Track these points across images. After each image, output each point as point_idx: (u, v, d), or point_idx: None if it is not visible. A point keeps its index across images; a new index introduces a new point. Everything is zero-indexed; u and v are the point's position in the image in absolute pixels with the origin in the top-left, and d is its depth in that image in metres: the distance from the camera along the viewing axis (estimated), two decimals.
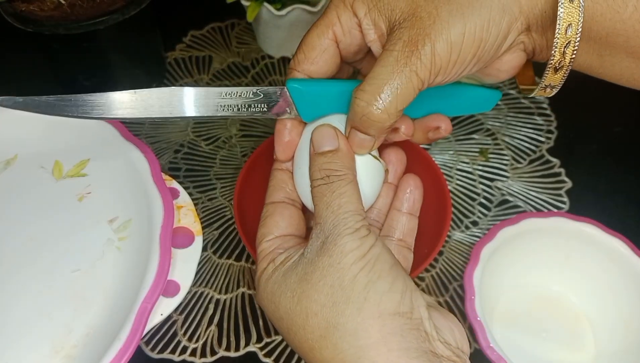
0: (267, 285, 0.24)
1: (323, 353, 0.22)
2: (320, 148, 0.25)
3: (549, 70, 0.24)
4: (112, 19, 0.38)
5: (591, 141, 0.46)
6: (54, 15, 0.39)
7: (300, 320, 0.22)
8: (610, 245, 0.34)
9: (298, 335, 0.23)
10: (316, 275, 0.22)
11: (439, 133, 0.28)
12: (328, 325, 0.22)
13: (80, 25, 0.38)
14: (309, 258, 0.23)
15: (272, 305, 0.24)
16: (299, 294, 0.23)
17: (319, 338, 0.22)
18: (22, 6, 0.39)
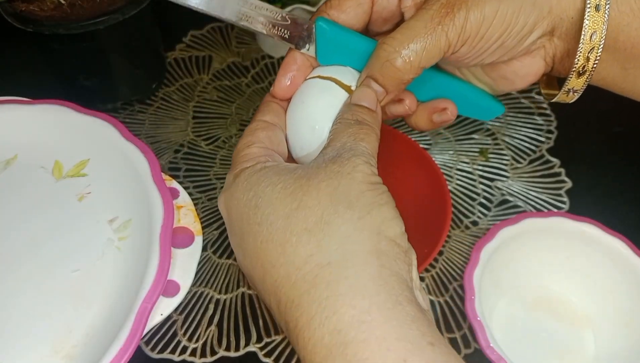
0: (250, 177, 0.22)
1: (298, 249, 0.20)
2: (359, 101, 0.24)
3: (573, 74, 0.24)
4: (112, 18, 0.38)
5: (591, 141, 0.46)
6: (54, 15, 0.39)
7: (286, 209, 0.20)
8: (611, 245, 0.34)
9: (273, 225, 0.20)
10: (320, 176, 0.21)
11: (445, 115, 0.27)
12: (319, 220, 0.20)
13: (80, 25, 0.38)
14: (313, 165, 0.22)
15: (249, 193, 0.21)
16: (294, 188, 0.21)
17: (301, 231, 0.20)
18: (22, 6, 0.39)
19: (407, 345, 0.18)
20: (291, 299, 0.19)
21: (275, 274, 0.20)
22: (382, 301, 0.18)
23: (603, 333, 0.34)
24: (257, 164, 0.23)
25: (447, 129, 0.45)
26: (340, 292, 0.19)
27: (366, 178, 0.21)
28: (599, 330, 0.34)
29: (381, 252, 0.19)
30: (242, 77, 0.48)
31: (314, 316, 0.19)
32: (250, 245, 0.21)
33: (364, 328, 0.18)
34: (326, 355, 0.18)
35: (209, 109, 0.46)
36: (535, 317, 0.35)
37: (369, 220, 0.20)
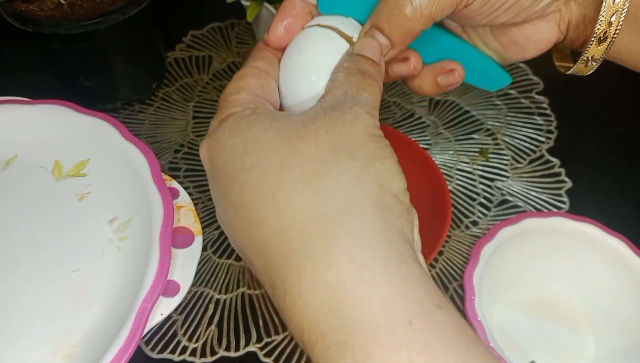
0: (238, 121, 0.20)
1: (292, 198, 0.17)
2: (362, 51, 0.22)
3: (593, 41, 0.23)
4: (112, 18, 0.38)
5: (591, 140, 0.46)
6: (54, 15, 0.39)
7: (279, 155, 0.18)
8: (610, 245, 0.34)
9: (264, 172, 0.18)
10: (319, 123, 0.19)
11: (452, 77, 0.25)
12: (317, 168, 0.18)
13: (80, 25, 0.38)
14: (311, 112, 0.20)
15: (237, 138, 0.19)
16: (289, 134, 0.19)
17: (296, 179, 0.18)
18: (22, 6, 0.39)
19: (413, 306, 0.16)
20: (281, 254, 0.17)
21: (263, 226, 0.18)
22: (385, 257, 0.16)
23: (603, 333, 0.34)
24: (246, 110, 0.20)
25: (447, 129, 0.45)
26: (338, 245, 0.17)
27: (369, 129, 0.19)
28: (599, 330, 0.34)
29: (384, 206, 0.18)
30: None
31: (306, 272, 0.16)
32: (235, 194, 0.18)
33: (364, 285, 0.16)
34: (318, 315, 0.16)
35: (209, 109, 0.46)
36: (535, 317, 0.35)
37: (371, 171, 0.18)
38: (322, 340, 0.16)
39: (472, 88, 0.48)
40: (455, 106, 0.47)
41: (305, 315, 0.16)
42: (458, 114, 0.46)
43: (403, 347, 0.15)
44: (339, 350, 0.16)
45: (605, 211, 0.39)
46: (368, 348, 0.15)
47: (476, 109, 0.47)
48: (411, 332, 0.15)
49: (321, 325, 0.16)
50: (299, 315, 0.17)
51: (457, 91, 0.48)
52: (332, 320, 0.16)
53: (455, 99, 0.47)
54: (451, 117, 0.46)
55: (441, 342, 0.15)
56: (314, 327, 0.16)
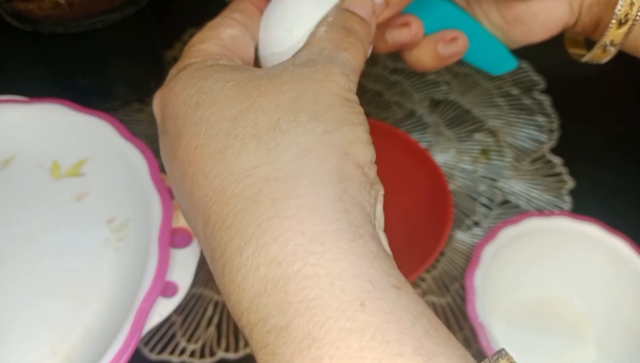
0: (197, 71, 0.18)
1: (241, 158, 0.15)
2: (352, 7, 0.20)
3: (613, 24, 0.21)
4: (111, 17, 0.38)
5: (594, 140, 0.45)
6: (53, 14, 0.38)
7: (233, 109, 0.16)
8: (613, 246, 0.34)
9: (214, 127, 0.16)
10: (284, 78, 0.17)
11: (454, 46, 0.22)
12: (273, 126, 0.16)
13: (79, 24, 0.38)
14: (278, 66, 0.18)
15: (192, 88, 0.17)
16: (249, 88, 0.17)
17: (249, 137, 0.16)
18: (20, 5, 0.39)
19: (366, 285, 0.14)
20: (222, 219, 0.15)
21: (206, 186, 0.16)
22: (340, 229, 0.14)
23: (605, 335, 0.34)
24: (208, 60, 0.19)
25: (448, 128, 0.45)
26: (287, 213, 0.14)
27: (340, 91, 0.17)
28: (600, 332, 0.34)
29: (345, 175, 0.16)
30: None
31: (248, 241, 0.14)
32: (182, 150, 0.17)
33: (313, 260, 0.14)
34: (259, 292, 0.14)
35: None
36: (536, 318, 0.35)
37: (337, 136, 0.16)
38: (262, 323, 0.14)
39: (473, 87, 0.48)
40: (456, 106, 0.47)
41: (245, 292, 0.14)
42: (459, 114, 0.46)
43: (354, 332, 0.13)
44: (280, 335, 0.13)
45: (608, 211, 0.39)
46: (314, 332, 0.13)
47: (477, 108, 0.47)
48: (364, 314, 0.13)
49: (262, 304, 0.14)
50: (237, 292, 0.14)
51: (458, 90, 0.48)
52: (274, 300, 0.14)
53: (457, 99, 0.47)
54: (452, 117, 0.46)
55: (397, 326, 0.13)
56: (254, 307, 0.14)
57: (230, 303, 0.15)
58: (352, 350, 0.13)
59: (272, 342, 0.14)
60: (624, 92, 0.48)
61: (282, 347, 0.13)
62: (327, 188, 0.15)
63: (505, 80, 0.48)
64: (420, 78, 0.49)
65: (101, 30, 0.39)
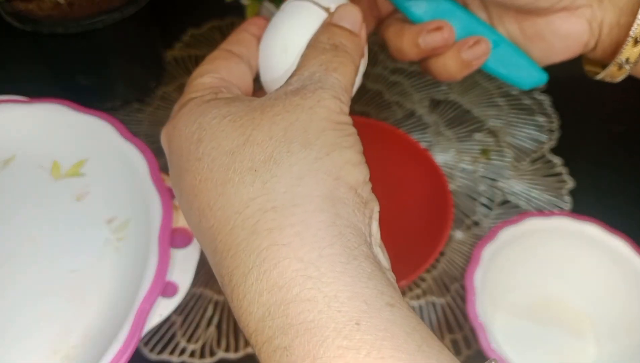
0: (197, 107, 0.19)
1: (240, 190, 0.16)
2: (340, 21, 0.21)
3: (629, 42, 0.21)
4: (111, 17, 0.38)
5: (593, 140, 0.45)
6: (53, 14, 0.38)
7: (231, 144, 0.17)
8: (613, 246, 0.34)
9: (215, 162, 0.17)
10: (277, 109, 0.18)
11: (477, 48, 0.23)
12: (268, 158, 0.17)
13: (79, 24, 0.38)
14: (272, 96, 0.19)
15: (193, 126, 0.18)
16: (244, 121, 0.18)
17: (246, 170, 0.17)
18: (21, 5, 0.39)
19: (361, 305, 0.15)
20: (227, 248, 0.16)
21: (212, 218, 0.17)
22: (334, 254, 0.15)
23: (605, 335, 0.34)
24: (207, 95, 0.19)
25: (448, 128, 0.45)
26: (283, 241, 0.15)
27: (331, 116, 0.18)
28: (600, 332, 0.34)
29: (337, 199, 0.16)
30: None
31: (251, 269, 0.16)
32: (188, 184, 0.18)
33: (310, 284, 0.15)
34: (263, 315, 0.15)
35: None
36: (536, 318, 0.35)
37: (327, 162, 0.17)
38: (268, 343, 0.15)
39: (473, 87, 0.48)
40: (456, 106, 0.47)
41: (252, 316, 0.15)
42: (459, 114, 0.46)
43: (350, 349, 0.14)
44: (284, 354, 0.15)
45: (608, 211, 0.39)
46: (314, 350, 0.14)
47: (477, 108, 0.47)
48: (359, 333, 0.14)
49: (267, 327, 0.15)
50: (245, 316, 0.16)
51: (458, 90, 0.48)
52: (277, 322, 0.15)
53: (457, 99, 0.47)
54: (452, 117, 0.46)
55: (390, 342, 0.14)
56: (260, 329, 0.15)
57: (241, 324, 0.16)
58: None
59: (277, 360, 0.15)
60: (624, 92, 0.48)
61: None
62: (320, 215, 0.16)
63: None
64: (420, 78, 0.49)
65: (101, 30, 0.39)
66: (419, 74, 0.49)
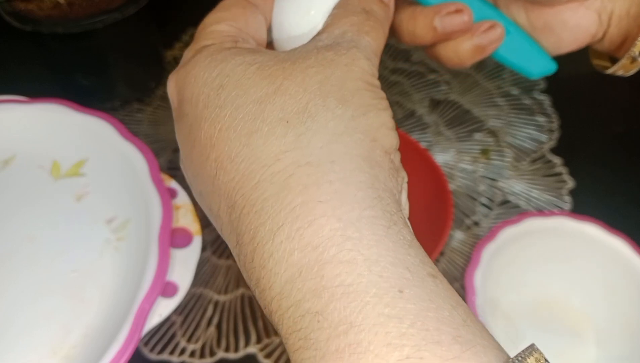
0: (216, 53, 0.17)
1: (269, 142, 0.15)
2: None
3: None
4: (110, 17, 0.38)
5: (593, 140, 0.45)
6: (53, 14, 0.38)
7: (259, 92, 0.16)
8: (613, 246, 0.34)
9: (239, 110, 0.16)
10: (309, 61, 0.17)
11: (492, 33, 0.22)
12: (302, 110, 0.15)
13: (78, 24, 0.38)
14: (302, 49, 0.17)
15: (212, 71, 0.17)
16: (274, 70, 0.16)
17: (277, 121, 0.15)
18: (20, 5, 0.39)
19: (404, 272, 0.14)
20: (251, 203, 0.15)
21: (232, 170, 0.15)
22: (375, 216, 0.14)
23: (604, 335, 0.34)
24: (226, 42, 0.18)
25: (448, 128, 0.45)
26: (321, 198, 0.14)
27: (365, 76, 0.17)
28: (600, 332, 0.34)
29: (375, 161, 0.15)
30: None
31: (281, 226, 0.14)
32: (205, 133, 0.16)
33: (349, 245, 0.14)
34: (292, 276, 0.14)
35: None
36: (536, 318, 0.35)
37: (364, 122, 0.16)
38: (295, 307, 0.14)
39: (473, 87, 0.48)
40: (456, 106, 0.47)
41: (278, 276, 0.14)
42: (459, 114, 0.46)
43: (392, 318, 0.13)
44: (315, 319, 0.13)
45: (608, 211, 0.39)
46: (351, 317, 0.13)
47: (478, 108, 0.47)
48: (402, 301, 0.13)
49: (296, 289, 0.14)
50: (268, 277, 0.14)
51: (458, 90, 0.48)
52: (309, 284, 0.13)
53: (457, 98, 0.47)
54: (452, 117, 0.46)
55: (435, 314, 0.13)
56: (287, 291, 0.14)
57: (259, 288, 0.15)
58: (390, 337, 0.13)
59: (306, 326, 0.13)
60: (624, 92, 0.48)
61: (316, 332, 0.13)
62: (359, 174, 0.15)
63: (505, 80, 0.48)
64: (420, 78, 0.49)
65: (101, 30, 0.39)
66: (419, 74, 0.49)
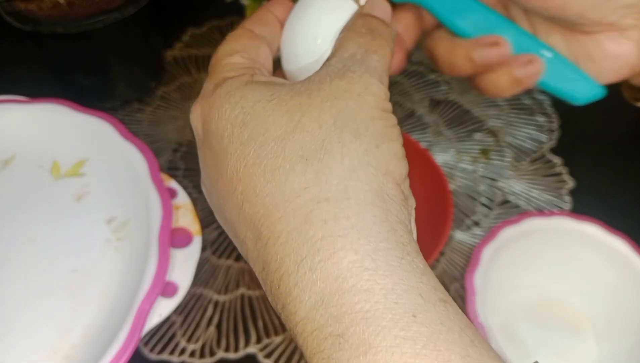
0: (235, 90, 0.18)
1: (290, 178, 0.16)
2: (372, 11, 0.21)
3: None
4: (110, 17, 0.38)
5: (593, 140, 0.45)
6: (53, 14, 0.38)
7: (279, 131, 0.17)
8: (613, 246, 0.34)
9: (262, 148, 0.17)
10: (323, 94, 0.18)
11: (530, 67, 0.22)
12: (319, 147, 0.17)
13: (78, 24, 0.38)
14: (315, 78, 0.18)
15: (234, 109, 0.18)
16: (291, 106, 0.17)
17: (297, 158, 0.17)
18: (21, 5, 0.39)
19: (417, 298, 0.15)
20: (276, 235, 0.16)
21: (258, 203, 0.17)
22: (389, 248, 0.16)
23: (605, 335, 0.34)
24: (243, 76, 0.19)
25: (448, 128, 0.45)
26: (339, 233, 0.16)
27: (379, 103, 0.18)
28: (600, 332, 0.34)
29: (387, 195, 0.17)
30: None
31: (304, 259, 0.16)
32: (230, 167, 0.18)
33: (366, 276, 0.15)
34: (316, 303, 0.15)
35: None
36: (536, 318, 0.35)
37: (377, 155, 0.17)
38: (319, 331, 0.15)
39: None
40: (456, 106, 0.47)
41: (302, 304, 0.15)
42: (459, 114, 0.46)
43: (407, 340, 0.14)
44: (337, 342, 0.15)
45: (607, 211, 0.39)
46: (370, 339, 0.14)
47: (477, 108, 0.47)
48: (416, 324, 0.14)
49: (319, 315, 0.15)
50: (294, 303, 0.16)
51: (458, 90, 0.48)
52: (330, 311, 0.15)
53: (457, 98, 0.47)
54: (452, 117, 0.46)
55: (446, 336, 0.15)
56: (310, 317, 0.15)
57: (285, 312, 0.16)
58: (406, 357, 0.14)
59: (329, 347, 0.15)
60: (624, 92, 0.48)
61: (338, 352, 0.15)
62: (374, 209, 0.16)
63: None
64: (420, 78, 0.49)
65: (101, 30, 0.39)
66: (419, 74, 0.49)
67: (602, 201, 0.41)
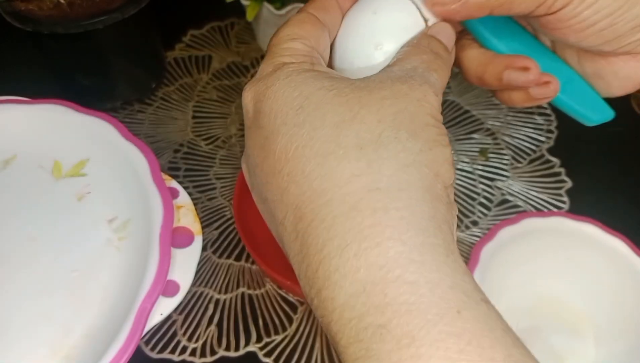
0: (296, 74, 0.18)
1: (343, 164, 0.16)
2: (437, 34, 0.21)
3: None
4: (111, 18, 0.38)
5: (591, 140, 0.45)
6: (53, 14, 0.38)
7: (336, 118, 0.17)
8: (611, 245, 0.34)
9: (317, 131, 0.17)
10: (384, 92, 0.18)
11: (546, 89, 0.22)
12: (375, 139, 0.17)
13: (79, 24, 0.38)
14: (376, 79, 0.19)
15: (293, 92, 0.18)
16: (351, 98, 0.18)
17: (352, 146, 0.17)
18: (21, 5, 0.39)
19: (461, 296, 0.15)
20: (321, 218, 0.16)
21: (305, 185, 0.17)
22: (436, 244, 0.16)
23: (603, 334, 0.34)
24: (303, 63, 0.19)
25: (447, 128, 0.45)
26: (388, 223, 0.16)
27: (434, 112, 0.18)
28: (599, 331, 0.34)
29: (436, 195, 0.17)
30: (241, 77, 0.48)
31: (349, 244, 0.16)
32: (281, 147, 0.18)
33: (413, 268, 0.15)
34: (357, 291, 0.15)
35: (209, 109, 0.46)
36: (535, 317, 0.35)
37: (430, 157, 0.17)
38: (358, 320, 0.15)
39: (472, 87, 0.48)
40: (455, 106, 0.47)
41: (342, 290, 0.15)
42: (458, 114, 0.46)
43: (452, 335, 0.14)
44: (377, 332, 0.15)
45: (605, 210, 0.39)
46: (413, 332, 0.14)
47: (476, 108, 0.47)
48: (460, 321, 0.15)
49: (360, 303, 0.15)
50: (332, 289, 0.16)
51: (457, 91, 0.48)
52: (373, 300, 0.15)
53: (455, 99, 0.47)
54: (451, 117, 0.46)
55: (489, 334, 0.15)
56: (350, 304, 0.15)
57: (320, 297, 0.16)
58: (450, 352, 0.14)
59: (368, 338, 0.15)
60: None
61: (378, 343, 0.15)
62: (424, 205, 0.16)
63: None
64: None
65: (101, 31, 0.39)
66: None
67: (600, 201, 0.41)
